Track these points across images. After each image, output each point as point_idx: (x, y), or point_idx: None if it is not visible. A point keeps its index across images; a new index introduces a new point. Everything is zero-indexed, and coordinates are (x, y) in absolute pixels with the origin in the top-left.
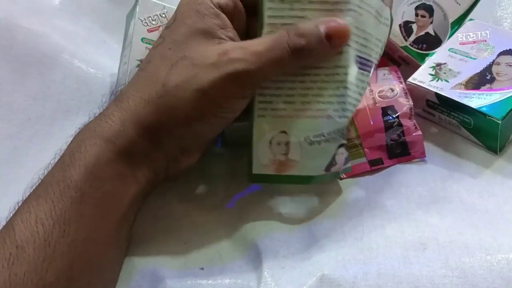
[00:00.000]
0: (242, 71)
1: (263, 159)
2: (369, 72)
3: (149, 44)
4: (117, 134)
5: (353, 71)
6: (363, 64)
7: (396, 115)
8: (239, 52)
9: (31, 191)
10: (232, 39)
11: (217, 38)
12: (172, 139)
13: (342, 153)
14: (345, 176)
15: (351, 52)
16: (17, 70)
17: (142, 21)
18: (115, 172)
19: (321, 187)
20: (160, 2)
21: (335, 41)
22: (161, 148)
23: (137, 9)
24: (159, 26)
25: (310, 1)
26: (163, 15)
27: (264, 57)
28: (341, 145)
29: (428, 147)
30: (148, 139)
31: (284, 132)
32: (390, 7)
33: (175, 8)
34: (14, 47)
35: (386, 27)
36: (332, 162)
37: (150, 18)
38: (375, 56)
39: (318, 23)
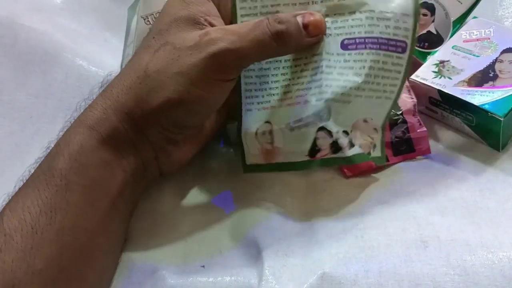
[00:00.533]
0: (224, 49)
1: (252, 150)
2: (370, 49)
3: None
4: (100, 121)
5: (333, 55)
6: (358, 44)
7: (400, 112)
8: (221, 32)
9: (21, 184)
10: (215, 26)
11: (200, 24)
12: (154, 126)
13: (324, 137)
14: (348, 174)
15: (330, 39)
16: (19, 68)
17: (144, 19)
18: (99, 159)
19: (322, 184)
20: None
21: (311, 31)
22: (145, 136)
23: (139, 6)
24: None
25: None
26: None
27: (246, 38)
28: (320, 129)
29: (431, 144)
30: (131, 126)
31: (268, 122)
32: None
33: None
34: (16, 46)
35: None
36: (315, 147)
37: (152, 16)
38: (382, 30)
39: (295, 14)
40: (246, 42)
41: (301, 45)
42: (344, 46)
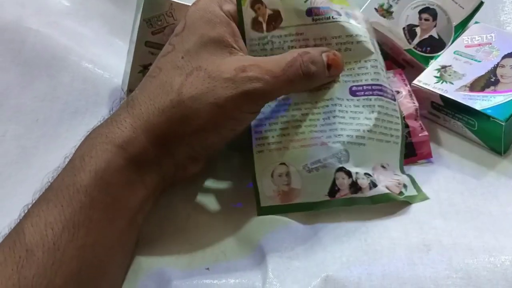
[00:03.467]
0: (259, 90)
1: (268, 192)
2: (377, 96)
3: (152, 48)
4: (129, 140)
5: (343, 101)
6: (365, 90)
7: (402, 116)
8: (256, 70)
9: (40, 194)
10: (241, 49)
11: (229, 47)
12: (183, 147)
13: (343, 178)
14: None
15: (338, 85)
16: (26, 72)
17: (147, 22)
18: (124, 178)
19: None
20: None
21: (333, 70)
22: (171, 155)
23: (142, 8)
24: (164, 27)
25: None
26: (169, 14)
27: (280, 79)
28: (338, 169)
29: (433, 148)
30: (159, 147)
31: (283, 163)
32: (374, 39)
33: (183, 3)
34: (23, 50)
35: (380, 55)
36: (334, 187)
37: (155, 19)
38: (382, 79)
39: (321, 52)
40: (279, 82)
41: (322, 83)
42: (352, 92)
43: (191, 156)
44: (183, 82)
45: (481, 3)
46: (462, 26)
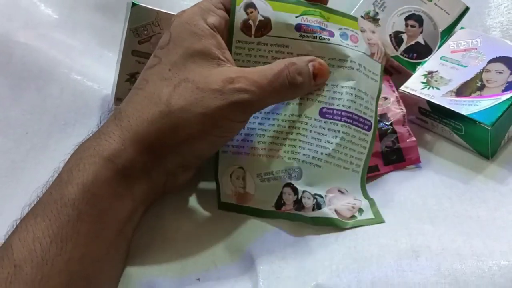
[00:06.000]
0: (246, 101)
1: (227, 190)
2: (344, 122)
3: (139, 57)
4: (117, 152)
5: (311, 120)
6: (335, 115)
7: (390, 122)
8: (244, 82)
9: (29, 209)
10: (228, 60)
11: (215, 59)
12: (174, 156)
13: (289, 194)
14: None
15: (310, 103)
16: (14, 85)
17: (133, 31)
18: (112, 190)
19: None
20: (154, 8)
21: (319, 79)
22: (161, 165)
23: (129, 17)
24: (151, 37)
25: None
26: (156, 23)
27: (267, 90)
28: (286, 185)
29: (421, 153)
30: (149, 157)
31: (241, 168)
32: (382, 65)
33: (169, 12)
34: (11, 63)
35: (374, 81)
36: (281, 201)
37: (142, 28)
38: (357, 107)
39: (308, 61)
40: (266, 94)
41: (308, 92)
42: (322, 113)
43: (182, 165)
44: (172, 93)
45: (467, 9)
46: (448, 31)
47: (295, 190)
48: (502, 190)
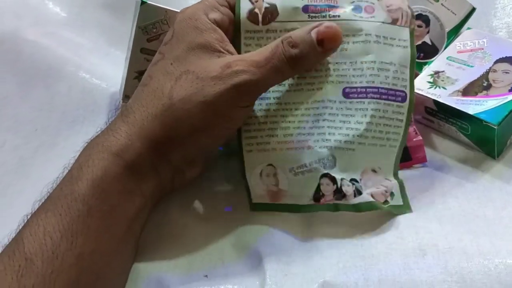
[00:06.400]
0: (246, 81)
1: (258, 190)
2: (371, 99)
3: (148, 55)
4: (124, 148)
5: (335, 103)
6: (359, 93)
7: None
8: (241, 64)
9: (39, 204)
10: (230, 53)
11: (217, 51)
12: (179, 150)
13: (328, 184)
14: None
15: (331, 86)
16: (23, 82)
17: (142, 29)
18: (121, 185)
19: None
20: (162, 6)
21: (327, 44)
22: (168, 160)
23: (138, 15)
24: (159, 34)
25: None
26: (165, 22)
27: (265, 68)
28: (323, 175)
29: (428, 153)
30: (155, 152)
31: (271, 164)
32: (411, 28)
33: (178, 11)
34: (20, 60)
35: (402, 48)
36: (319, 193)
37: (150, 26)
38: (382, 80)
39: (309, 29)
40: (265, 71)
41: (317, 62)
42: (346, 94)
43: (188, 160)
44: (173, 86)
45: (473, 9)
46: (454, 32)
47: (333, 180)
48: (509, 189)
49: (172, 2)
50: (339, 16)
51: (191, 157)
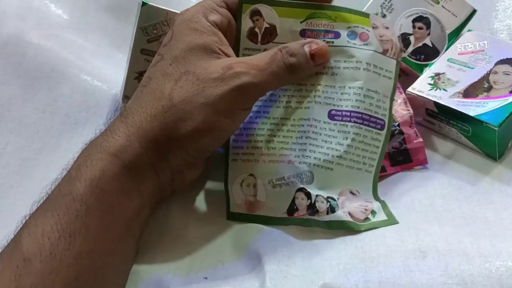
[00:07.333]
0: (248, 83)
1: (237, 199)
2: (354, 123)
3: (148, 55)
4: (123, 148)
5: (320, 123)
6: (344, 116)
7: (397, 123)
8: (243, 65)
9: (38, 205)
10: (228, 56)
11: (215, 53)
12: (178, 151)
13: (303, 199)
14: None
15: (318, 107)
16: (26, 85)
17: (143, 30)
18: (119, 185)
19: None
20: (163, 7)
21: (318, 60)
22: (167, 161)
23: (138, 16)
24: (160, 35)
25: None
26: (165, 23)
27: (266, 72)
28: (299, 189)
29: (428, 155)
30: (153, 152)
31: (252, 175)
32: (398, 61)
33: (178, 12)
34: (23, 63)
35: (387, 79)
36: (293, 206)
37: (151, 27)
38: (366, 107)
39: (302, 44)
40: (265, 75)
41: (309, 73)
42: (331, 116)
43: (187, 161)
44: (173, 87)
45: (474, 11)
46: (455, 34)
47: (308, 195)
48: (509, 191)
49: (173, 3)
50: (332, 42)
51: (191, 158)
